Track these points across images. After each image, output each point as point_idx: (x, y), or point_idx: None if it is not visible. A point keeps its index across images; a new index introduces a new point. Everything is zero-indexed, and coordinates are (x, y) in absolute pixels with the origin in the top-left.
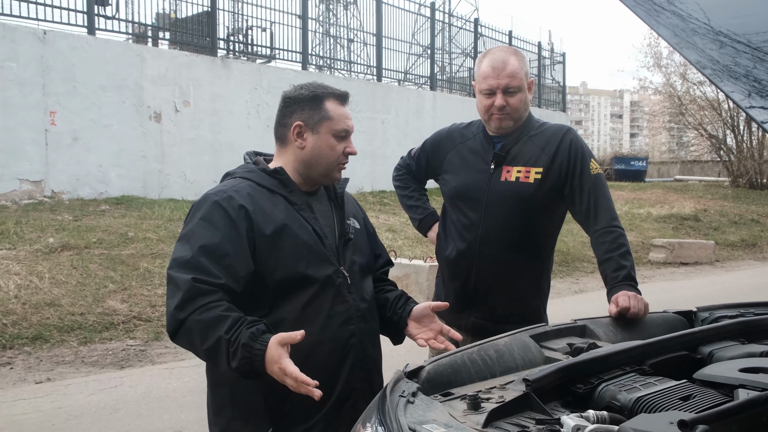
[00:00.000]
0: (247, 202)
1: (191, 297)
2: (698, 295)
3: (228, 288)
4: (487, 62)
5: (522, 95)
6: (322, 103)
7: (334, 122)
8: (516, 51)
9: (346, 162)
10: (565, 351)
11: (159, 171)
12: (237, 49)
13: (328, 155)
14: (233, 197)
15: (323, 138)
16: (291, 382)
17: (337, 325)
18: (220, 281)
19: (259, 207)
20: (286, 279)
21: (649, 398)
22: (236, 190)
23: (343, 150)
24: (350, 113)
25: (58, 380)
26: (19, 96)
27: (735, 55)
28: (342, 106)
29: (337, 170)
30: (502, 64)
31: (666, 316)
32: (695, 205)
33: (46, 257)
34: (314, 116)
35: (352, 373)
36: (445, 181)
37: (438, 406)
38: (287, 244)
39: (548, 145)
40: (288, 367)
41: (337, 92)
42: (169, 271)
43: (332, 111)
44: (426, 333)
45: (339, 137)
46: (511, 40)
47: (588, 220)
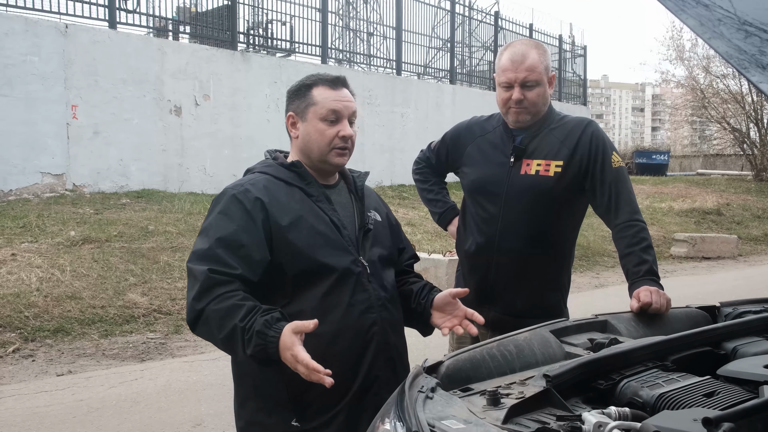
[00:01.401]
0: (263, 194)
1: (208, 287)
2: (720, 290)
3: (244, 278)
4: (507, 55)
5: (540, 89)
6: (310, 91)
7: (319, 106)
8: (538, 44)
9: (342, 146)
10: (586, 346)
11: (179, 165)
12: (257, 43)
13: (318, 140)
14: (249, 190)
15: (311, 124)
16: (303, 369)
17: (357, 313)
18: (236, 272)
19: (275, 198)
20: (305, 269)
21: (672, 395)
22: (253, 183)
23: (336, 133)
24: (347, 96)
25: (79, 373)
26: (41, 90)
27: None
28: (332, 90)
29: (334, 155)
30: (522, 57)
31: (689, 312)
32: (718, 199)
33: (67, 250)
34: (302, 104)
35: (375, 362)
36: (465, 175)
37: (457, 402)
38: (304, 234)
39: (569, 138)
40: (300, 354)
41: (327, 78)
42: (188, 263)
43: (317, 96)
44: (450, 321)
45: (327, 121)
46: (532, 33)
47: (609, 214)
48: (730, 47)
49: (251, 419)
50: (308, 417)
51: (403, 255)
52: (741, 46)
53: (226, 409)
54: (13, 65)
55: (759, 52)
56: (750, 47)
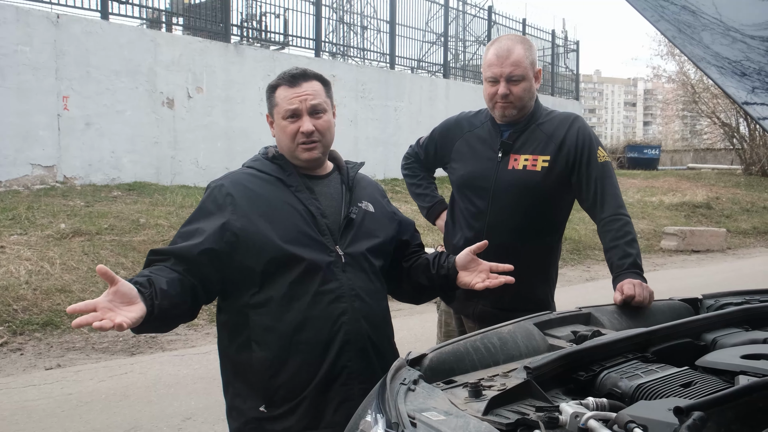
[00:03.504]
0: (234, 189)
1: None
2: (710, 282)
3: (177, 255)
4: (493, 50)
5: (526, 84)
6: (274, 92)
7: (280, 107)
8: (524, 39)
9: (306, 141)
10: (569, 339)
11: (172, 157)
12: (251, 36)
13: (284, 138)
14: (224, 185)
15: (278, 123)
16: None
17: (326, 302)
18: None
19: (250, 191)
20: (273, 258)
21: (650, 385)
22: (231, 178)
23: (297, 130)
24: (305, 90)
25: (68, 366)
26: (32, 80)
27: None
28: (290, 88)
29: (301, 150)
30: (507, 52)
31: (671, 304)
32: (707, 193)
33: (57, 243)
34: (270, 106)
35: (343, 352)
36: (453, 170)
37: (439, 394)
38: (275, 224)
39: (556, 133)
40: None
41: (287, 76)
42: None
43: (279, 96)
44: (479, 276)
45: (288, 119)
46: (525, 28)
47: (595, 208)
48: (708, 53)
49: (231, 404)
50: (275, 403)
51: (409, 246)
52: (723, 52)
53: (216, 402)
54: (4, 55)
55: (745, 57)
56: (736, 54)
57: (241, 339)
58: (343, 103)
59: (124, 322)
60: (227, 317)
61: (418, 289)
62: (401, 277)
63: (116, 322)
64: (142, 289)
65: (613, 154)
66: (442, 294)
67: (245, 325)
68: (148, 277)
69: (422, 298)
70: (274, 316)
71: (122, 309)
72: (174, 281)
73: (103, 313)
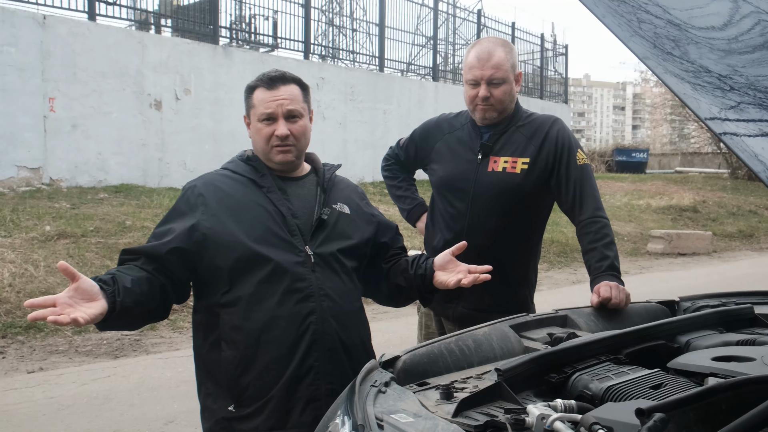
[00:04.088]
0: (207, 189)
1: (118, 263)
2: (695, 285)
3: (147, 254)
4: (474, 53)
5: (507, 87)
6: (252, 94)
7: (256, 109)
8: (505, 42)
9: (280, 144)
10: (545, 341)
11: (159, 159)
12: (240, 38)
13: (259, 140)
14: (196, 186)
15: (254, 125)
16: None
17: (294, 301)
18: (139, 247)
19: (220, 192)
20: (242, 257)
21: (620, 387)
22: (204, 179)
23: (272, 133)
24: (283, 94)
25: (51, 370)
26: (18, 81)
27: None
28: (268, 91)
29: (274, 153)
30: (488, 55)
31: (648, 306)
32: (694, 197)
33: (41, 245)
34: (247, 107)
35: (311, 351)
36: (433, 171)
37: (410, 396)
38: (244, 224)
39: (535, 136)
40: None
41: (265, 78)
42: None
43: (256, 98)
44: (456, 276)
45: (263, 121)
46: (514, 32)
47: (573, 211)
48: (682, 69)
49: (203, 404)
50: (244, 403)
51: (389, 249)
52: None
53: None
54: None
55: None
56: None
57: (212, 338)
58: (332, 106)
59: (80, 317)
60: (200, 317)
61: (397, 290)
62: (380, 279)
63: (72, 317)
64: (105, 286)
65: (601, 158)
66: (419, 296)
67: (216, 325)
68: (112, 275)
69: (401, 300)
70: (243, 315)
71: (82, 305)
72: (141, 280)
73: (62, 309)
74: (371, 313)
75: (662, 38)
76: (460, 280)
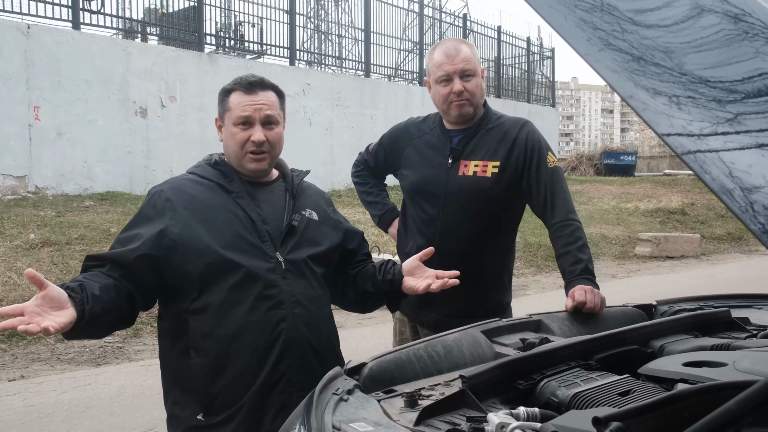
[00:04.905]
0: (174, 194)
1: (81, 272)
2: (683, 288)
3: (114, 260)
4: (440, 51)
5: (477, 80)
6: (228, 96)
7: (232, 112)
8: (465, 41)
9: (254, 150)
10: (517, 346)
11: (145, 166)
12: (225, 45)
13: (233, 145)
14: (163, 190)
15: (227, 129)
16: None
17: (265, 308)
18: (104, 253)
19: (189, 197)
20: (211, 263)
21: (586, 394)
22: (171, 184)
23: (247, 138)
24: (261, 99)
25: (32, 378)
26: (2, 90)
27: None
28: (246, 95)
29: (248, 160)
30: (455, 50)
31: (624, 310)
32: (683, 199)
33: (26, 253)
34: (222, 110)
35: (282, 359)
36: (404, 176)
37: (373, 404)
38: (214, 230)
39: (505, 139)
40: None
41: (244, 82)
42: None
43: (232, 101)
44: (425, 281)
45: (239, 125)
46: (500, 36)
47: (546, 213)
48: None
49: (170, 412)
50: (214, 411)
51: (356, 255)
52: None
53: None
54: None
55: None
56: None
57: (181, 345)
58: (318, 112)
59: (50, 326)
60: (167, 323)
61: (364, 296)
62: (347, 285)
63: (43, 326)
64: (73, 294)
65: (590, 161)
66: (387, 301)
67: (185, 332)
68: (80, 282)
69: (368, 305)
70: (213, 322)
71: (51, 314)
72: (108, 287)
73: (31, 318)
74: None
75: (651, 49)
76: (429, 285)
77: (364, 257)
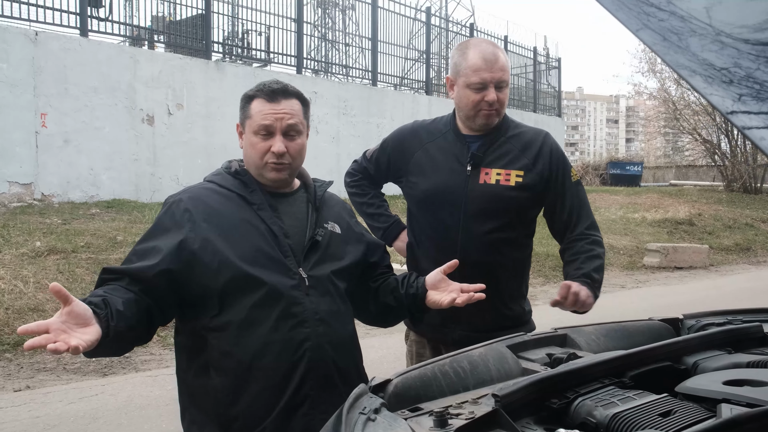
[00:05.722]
0: (193, 204)
1: (98, 284)
2: (693, 299)
3: (132, 275)
4: (477, 54)
5: (507, 90)
6: (250, 103)
7: (253, 120)
8: (499, 46)
9: (275, 161)
10: (544, 362)
11: (151, 174)
12: (233, 53)
13: (252, 154)
14: (182, 200)
15: (248, 137)
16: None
17: (288, 327)
18: (124, 272)
19: (209, 208)
20: (232, 279)
21: (626, 415)
22: (190, 193)
23: (267, 149)
24: (284, 108)
25: (38, 388)
26: (9, 97)
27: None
28: (268, 103)
29: (268, 169)
30: (494, 56)
31: (651, 324)
32: (690, 210)
33: (32, 261)
34: (243, 116)
35: (306, 380)
36: (413, 184)
37: (401, 424)
38: (234, 243)
39: (528, 149)
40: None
41: (266, 89)
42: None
43: (254, 109)
44: (449, 294)
45: (260, 135)
46: (507, 45)
47: (569, 228)
48: (694, 61)
49: (188, 431)
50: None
51: (377, 268)
52: (711, 59)
53: None
54: None
55: (733, 64)
56: (725, 60)
57: (199, 363)
58: (325, 120)
59: (80, 345)
60: (185, 339)
61: (386, 310)
62: (368, 299)
63: (72, 344)
64: (98, 310)
65: (595, 171)
66: (409, 315)
67: (203, 349)
68: (103, 297)
69: (389, 319)
70: (233, 340)
71: (76, 331)
72: (130, 302)
73: (56, 335)
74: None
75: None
76: (454, 299)
77: (385, 270)
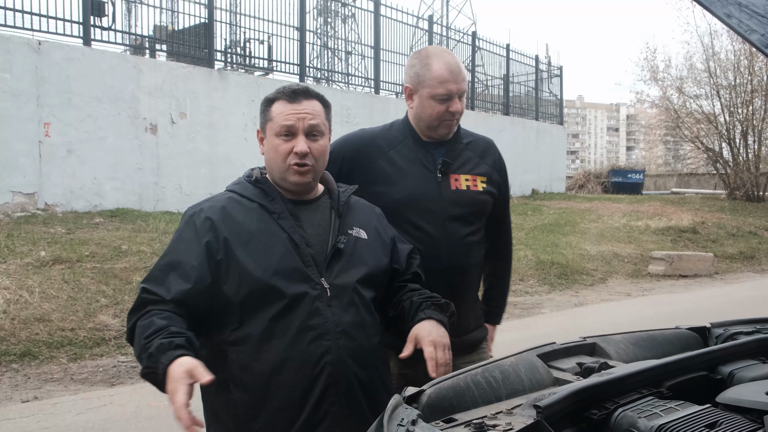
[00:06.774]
0: (214, 213)
1: (140, 305)
2: (698, 307)
3: (178, 300)
4: (442, 65)
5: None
6: (270, 106)
7: (274, 122)
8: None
9: (298, 162)
10: (575, 371)
11: (155, 183)
12: (235, 62)
13: (274, 157)
14: (203, 210)
15: (269, 140)
16: (174, 411)
17: (308, 341)
18: (169, 294)
19: (229, 218)
20: (253, 290)
21: (671, 426)
22: (211, 203)
23: (290, 150)
24: (305, 108)
25: (46, 399)
26: (12, 107)
27: None
28: (289, 103)
29: (291, 172)
30: (458, 68)
31: (678, 333)
32: (693, 218)
33: (36, 271)
34: (264, 120)
35: (326, 396)
36: (380, 193)
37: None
38: (254, 254)
39: (485, 155)
40: (176, 395)
41: (287, 90)
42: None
43: (274, 111)
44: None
45: (282, 136)
46: (509, 53)
47: (500, 237)
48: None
49: None
50: None
51: (401, 275)
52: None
53: None
54: None
55: None
56: None
57: (220, 378)
58: None
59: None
60: (206, 354)
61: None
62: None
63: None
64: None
65: (597, 179)
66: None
67: (224, 364)
68: (186, 336)
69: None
70: (252, 355)
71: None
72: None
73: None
74: None
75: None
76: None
77: (411, 277)
